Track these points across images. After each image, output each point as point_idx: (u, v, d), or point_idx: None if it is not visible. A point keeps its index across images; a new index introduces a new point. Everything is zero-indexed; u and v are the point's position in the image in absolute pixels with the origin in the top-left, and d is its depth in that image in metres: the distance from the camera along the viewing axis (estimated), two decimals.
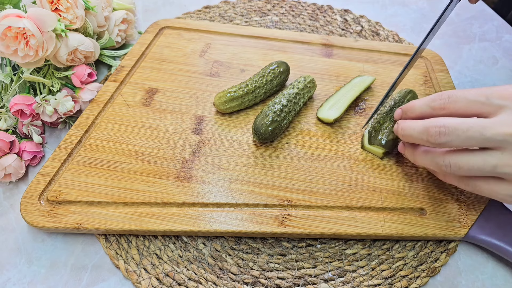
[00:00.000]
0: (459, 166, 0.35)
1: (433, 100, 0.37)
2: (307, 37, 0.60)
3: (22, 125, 0.47)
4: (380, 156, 0.46)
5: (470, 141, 0.33)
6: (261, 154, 0.46)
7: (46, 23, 0.44)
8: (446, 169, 0.36)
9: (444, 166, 0.36)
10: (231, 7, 0.68)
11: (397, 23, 0.67)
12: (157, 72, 0.54)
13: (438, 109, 0.36)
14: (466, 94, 0.35)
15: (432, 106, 0.37)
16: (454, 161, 0.35)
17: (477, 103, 0.34)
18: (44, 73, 0.50)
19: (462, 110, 0.35)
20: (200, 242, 0.41)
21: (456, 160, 0.35)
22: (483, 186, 0.35)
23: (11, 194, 0.45)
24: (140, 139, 0.47)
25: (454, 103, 0.35)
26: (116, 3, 0.59)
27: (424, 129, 0.35)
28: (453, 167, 0.35)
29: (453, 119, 0.34)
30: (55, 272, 0.40)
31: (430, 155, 0.37)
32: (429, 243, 0.42)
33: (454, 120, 0.34)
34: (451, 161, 0.35)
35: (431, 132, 0.35)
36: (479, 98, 0.34)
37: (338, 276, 0.40)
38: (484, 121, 0.33)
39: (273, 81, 0.50)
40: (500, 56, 0.63)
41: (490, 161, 0.33)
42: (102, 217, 0.40)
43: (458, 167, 0.35)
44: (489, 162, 0.33)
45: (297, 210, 0.42)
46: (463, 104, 0.35)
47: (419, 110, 0.38)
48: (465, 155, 0.34)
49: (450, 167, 0.35)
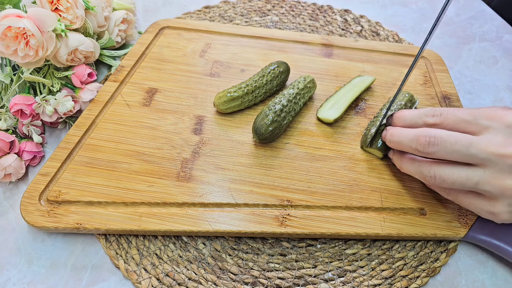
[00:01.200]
0: (443, 178, 0.36)
1: (426, 115, 0.39)
2: (307, 37, 0.60)
3: (22, 125, 0.47)
4: (380, 156, 0.46)
5: (456, 154, 0.35)
6: (261, 154, 0.46)
7: (46, 23, 0.44)
8: (431, 180, 0.37)
9: (429, 177, 0.37)
10: (231, 7, 0.68)
11: (397, 23, 0.67)
12: (157, 72, 0.54)
13: (430, 124, 0.38)
14: (456, 112, 0.37)
15: (425, 120, 0.39)
16: (439, 173, 0.36)
17: (464, 122, 0.36)
18: (44, 73, 0.50)
19: (450, 126, 0.37)
20: (200, 242, 0.41)
21: (441, 173, 0.36)
22: (464, 199, 0.37)
23: (11, 194, 0.45)
24: (140, 139, 0.47)
25: (444, 119, 0.37)
26: (116, 3, 0.59)
27: (415, 137, 0.37)
28: (437, 179, 0.36)
29: (443, 131, 0.36)
30: (55, 272, 0.40)
31: (417, 164, 0.39)
32: (429, 243, 0.42)
33: (444, 132, 0.36)
34: (436, 172, 0.36)
35: (421, 141, 0.36)
36: (467, 117, 0.36)
37: (338, 276, 0.40)
38: (471, 137, 0.35)
39: (273, 81, 0.50)
40: (500, 56, 0.63)
41: (473, 177, 0.34)
42: (102, 217, 0.40)
43: (442, 180, 0.36)
44: (471, 178, 0.35)
45: (297, 210, 0.42)
46: (452, 121, 0.37)
47: (409, 120, 0.40)
48: (450, 168, 0.36)
49: (434, 179, 0.37)
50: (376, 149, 0.45)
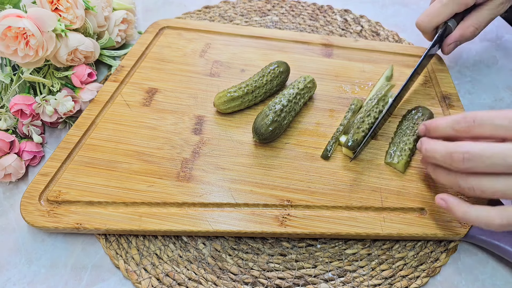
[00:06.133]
0: (482, 190, 0.34)
1: (457, 122, 0.36)
2: (307, 37, 0.60)
3: (22, 125, 0.47)
4: (351, 156, 0.46)
5: (494, 167, 0.33)
6: (261, 154, 0.46)
7: (46, 23, 0.44)
8: (469, 191, 0.35)
9: (467, 189, 0.35)
10: (231, 7, 0.68)
11: (397, 23, 0.67)
12: (157, 72, 0.54)
13: (462, 132, 0.36)
14: (493, 117, 0.34)
15: (456, 128, 0.36)
16: (478, 185, 0.34)
17: (503, 128, 0.34)
18: (44, 73, 0.50)
19: (487, 134, 0.34)
20: (200, 242, 0.41)
21: (479, 184, 0.34)
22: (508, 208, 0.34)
23: (11, 194, 0.45)
24: (140, 139, 0.47)
25: (479, 127, 0.35)
26: (116, 3, 0.59)
27: (448, 154, 0.35)
28: (477, 190, 0.34)
29: (477, 145, 0.34)
30: (55, 272, 0.40)
31: (453, 176, 0.36)
32: (429, 243, 0.42)
33: (478, 146, 0.33)
34: (474, 184, 0.34)
35: (455, 158, 0.34)
36: (504, 122, 0.33)
37: (338, 276, 0.40)
38: (507, 147, 0.33)
39: (273, 81, 0.50)
40: (500, 56, 0.63)
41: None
42: (102, 217, 0.40)
43: (482, 191, 0.34)
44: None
45: (297, 210, 0.42)
46: (489, 128, 0.34)
47: (442, 131, 0.37)
48: (488, 179, 0.34)
49: (473, 191, 0.34)
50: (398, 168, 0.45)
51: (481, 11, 0.50)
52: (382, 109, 0.48)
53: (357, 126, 0.45)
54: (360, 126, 0.45)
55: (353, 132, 0.45)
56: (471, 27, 0.50)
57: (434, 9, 0.50)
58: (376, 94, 0.49)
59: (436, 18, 0.50)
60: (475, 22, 0.50)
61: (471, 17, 0.50)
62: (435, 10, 0.50)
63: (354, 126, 0.45)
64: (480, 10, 0.50)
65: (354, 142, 0.44)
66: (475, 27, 0.50)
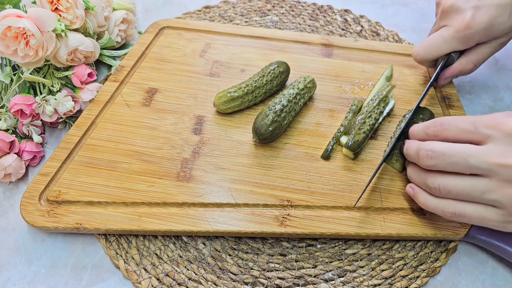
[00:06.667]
0: (448, 189, 0.35)
1: (427, 127, 0.39)
2: (307, 37, 0.60)
3: (22, 125, 0.47)
4: (352, 157, 0.46)
5: (455, 165, 0.35)
6: (261, 154, 0.46)
7: (46, 23, 0.44)
8: (436, 191, 0.36)
9: (434, 188, 0.36)
10: (231, 7, 0.68)
11: (397, 23, 0.67)
12: (157, 72, 0.54)
13: (432, 135, 0.38)
14: (457, 122, 0.36)
15: (427, 132, 0.39)
16: (444, 184, 0.36)
17: (466, 132, 0.35)
18: (44, 73, 0.50)
19: (452, 137, 0.36)
20: (200, 242, 0.41)
21: (445, 183, 0.36)
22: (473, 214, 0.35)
23: (11, 194, 0.45)
24: (140, 139, 0.47)
25: (446, 131, 0.37)
26: (116, 3, 0.59)
27: (416, 151, 0.38)
28: (442, 190, 0.36)
29: (442, 144, 0.36)
30: (55, 272, 0.40)
31: (423, 175, 0.38)
32: (429, 243, 0.42)
33: (442, 145, 0.36)
34: (440, 183, 0.36)
35: (420, 155, 0.37)
36: (468, 127, 0.35)
37: (338, 276, 0.40)
38: (470, 148, 0.34)
39: (273, 81, 0.50)
40: (500, 56, 0.63)
41: (478, 187, 0.34)
42: (102, 217, 0.40)
43: (447, 191, 0.36)
44: (477, 188, 0.34)
45: (297, 210, 0.42)
46: (454, 132, 0.36)
47: (417, 135, 0.40)
48: (454, 179, 0.35)
49: (439, 190, 0.36)
50: (396, 168, 0.45)
51: (482, 49, 0.48)
52: (383, 110, 0.48)
53: (358, 127, 0.45)
54: (361, 127, 0.45)
55: (354, 133, 0.45)
56: (471, 63, 0.48)
57: (434, 43, 0.47)
58: (377, 95, 0.49)
59: (435, 52, 0.48)
60: (475, 59, 0.48)
61: (471, 54, 0.48)
62: (435, 45, 0.47)
63: (355, 127, 0.46)
64: (481, 48, 0.48)
65: (355, 143, 0.44)
66: (475, 64, 0.49)
